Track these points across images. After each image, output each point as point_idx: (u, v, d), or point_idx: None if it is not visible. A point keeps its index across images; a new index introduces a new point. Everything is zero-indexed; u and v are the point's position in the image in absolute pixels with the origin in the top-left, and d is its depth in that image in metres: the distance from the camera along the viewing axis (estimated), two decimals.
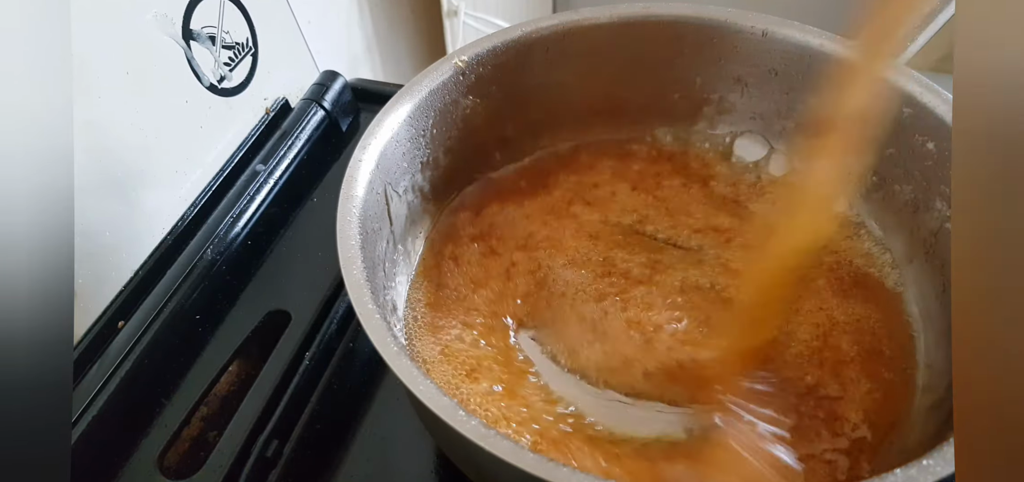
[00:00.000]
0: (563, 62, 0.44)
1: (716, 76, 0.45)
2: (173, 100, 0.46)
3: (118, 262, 0.44)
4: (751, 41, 0.42)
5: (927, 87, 0.37)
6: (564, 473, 0.24)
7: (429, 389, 0.26)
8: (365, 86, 0.60)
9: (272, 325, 0.44)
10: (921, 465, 0.24)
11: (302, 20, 0.57)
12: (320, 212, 0.52)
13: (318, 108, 0.56)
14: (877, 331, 0.38)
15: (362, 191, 0.35)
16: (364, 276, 0.31)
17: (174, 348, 0.43)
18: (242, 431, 0.38)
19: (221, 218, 0.48)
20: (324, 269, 0.46)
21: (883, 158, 0.40)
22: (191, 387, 0.42)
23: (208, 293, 0.45)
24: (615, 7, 0.43)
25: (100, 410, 0.39)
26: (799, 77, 0.42)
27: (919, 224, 0.39)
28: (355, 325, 0.44)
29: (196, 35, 0.47)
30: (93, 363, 0.40)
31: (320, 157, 0.55)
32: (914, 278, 0.40)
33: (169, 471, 0.38)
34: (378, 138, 0.37)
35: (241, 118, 0.52)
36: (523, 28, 0.42)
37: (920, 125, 0.38)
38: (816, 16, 0.43)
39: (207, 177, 0.49)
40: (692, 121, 0.47)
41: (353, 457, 0.39)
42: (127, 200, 0.44)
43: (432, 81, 0.40)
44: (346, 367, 0.42)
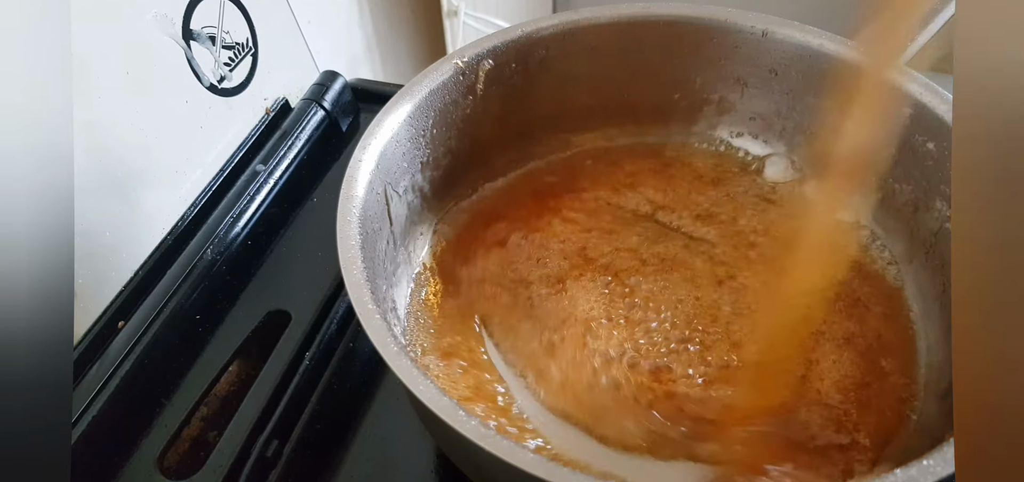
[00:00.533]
0: (563, 62, 0.44)
1: (716, 76, 0.45)
2: (173, 100, 0.46)
3: (118, 262, 0.44)
4: (751, 41, 0.42)
5: (927, 87, 0.37)
6: (564, 473, 0.24)
7: (429, 389, 0.26)
8: (365, 86, 0.60)
9: (272, 325, 0.44)
10: (921, 465, 0.24)
11: (302, 20, 0.57)
12: (320, 212, 0.52)
13: (318, 108, 0.56)
14: (877, 331, 0.38)
15: (362, 191, 0.35)
16: (364, 276, 0.31)
17: (174, 348, 0.43)
18: (242, 431, 0.38)
19: (221, 218, 0.48)
20: (324, 269, 0.46)
21: (883, 158, 0.40)
22: (191, 387, 0.41)
23: (208, 293, 0.45)
24: (615, 7, 0.43)
25: (100, 410, 0.39)
26: (799, 77, 0.42)
27: (919, 224, 0.39)
28: (355, 325, 0.44)
29: (196, 35, 0.47)
30: (93, 363, 0.40)
31: (320, 157, 0.55)
32: (914, 278, 0.40)
33: (169, 471, 0.38)
34: (378, 138, 0.37)
35: (241, 118, 0.52)
36: (523, 28, 0.42)
37: (920, 125, 0.38)
38: (816, 16, 0.43)
39: (207, 177, 0.49)
40: (692, 121, 0.47)
41: (353, 457, 0.39)
42: (127, 200, 0.44)
43: (432, 81, 0.40)
44: (346, 367, 0.42)
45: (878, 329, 0.38)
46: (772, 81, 0.44)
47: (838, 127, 0.30)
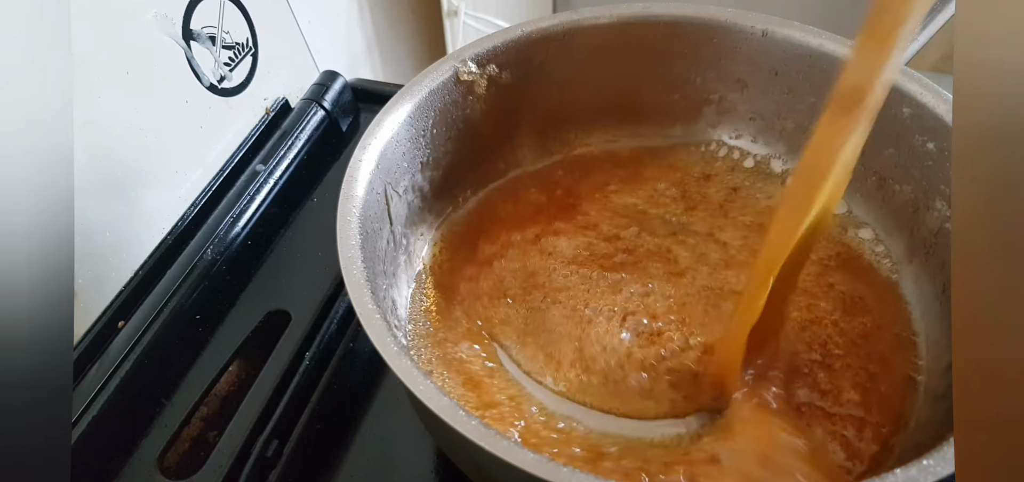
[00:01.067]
0: (563, 62, 0.44)
1: (716, 76, 0.45)
2: (173, 100, 0.46)
3: (118, 262, 0.44)
4: (751, 41, 0.42)
5: (927, 87, 0.37)
6: (564, 473, 0.24)
7: (429, 389, 0.26)
8: (365, 86, 0.60)
9: (272, 325, 0.44)
10: (921, 465, 0.24)
11: (302, 20, 0.57)
12: (320, 212, 0.52)
13: (318, 108, 0.56)
14: (877, 331, 0.38)
15: (362, 191, 0.35)
16: (364, 276, 0.31)
17: (174, 348, 0.43)
18: (242, 431, 0.38)
19: (221, 218, 0.48)
20: (324, 269, 0.46)
21: (883, 158, 0.40)
22: (191, 387, 0.42)
23: (208, 293, 0.45)
24: (615, 7, 0.43)
25: (100, 410, 0.39)
26: (800, 77, 0.42)
27: (919, 224, 0.39)
28: (355, 325, 0.44)
29: (196, 35, 0.47)
30: (93, 363, 0.40)
31: (320, 157, 0.55)
32: (914, 278, 0.40)
33: (169, 471, 0.38)
34: (378, 138, 0.37)
35: (241, 118, 0.52)
36: (523, 28, 0.42)
37: (920, 125, 0.38)
38: (816, 16, 0.43)
39: (207, 177, 0.49)
40: (693, 121, 0.47)
41: (353, 457, 0.39)
42: (127, 200, 0.44)
43: (432, 81, 0.40)
44: (346, 367, 0.42)
45: (878, 329, 0.38)
46: (773, 81, 0.44)
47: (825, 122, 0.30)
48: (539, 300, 0.40)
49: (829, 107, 0.28)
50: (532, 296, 0.41)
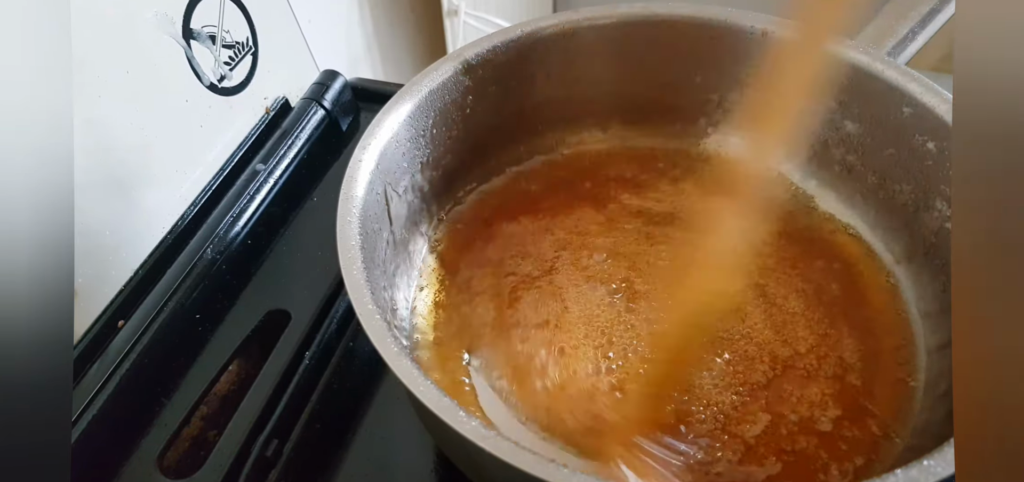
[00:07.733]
0: (563, 62, 0.44)
1: (716, 76, 0.45)
2: (173, 99, 0.46)
3: (118, 262, 0.44)
4: (752, 41, 0.42)
5: (927, 87, 0.37)
6: (564, 473, 0.24)
7: (429, 389, 0.26)
8: (365, 86, 0.60)
9: (272, 325, 0.44)
10: (921, 465, 0.24)
11: (302, 19, 0.57)
12: (320, 212, 0.52)
13: (318, 108, 0.56)
14: (877, 331, 0.38)
15: (362, 191, 0.35)
16: (364, 276, 0.31)
17: (174, 348, 0.43)
18: (242, 431, 0.38)
19: (221, 218, 0.48)
20: (324, 269, 0.46)
21: (883, 158, 0.40)
22: (191, 387, 0.41)
23: (208, 293, 0.45)
24: (615, 7, 0.43)
25: (100, 410, 0.39)
26: None
27: (919, 224, 0.39)
28: (355, 325, 0.44)
29: (196, 34, 0.47)
30: (93, 363, 0.40)
31: (320, 157, 0.55)
32: (914, 278, 0.40)
33: (169, 471, 0.38)
34: (378, 138, 0.37)
35: (241, 117, 0.52)
36: (523, 28, 0.42)
37: (920, 125, 0.38)
38: None
39: (207, 176, 0.49)
40: (692, 121, 0.47)
41: (353, 457, 0.39)
42: (127, 200, 0.44)
43: (432, 81, 0.40)
44: (346, 367, 0.42)
45: (877, 329, 0.38)
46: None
47: (769, 93, 0.29)
48: (540, 299, 0.40)
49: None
50: (533, 294, 0.40)
